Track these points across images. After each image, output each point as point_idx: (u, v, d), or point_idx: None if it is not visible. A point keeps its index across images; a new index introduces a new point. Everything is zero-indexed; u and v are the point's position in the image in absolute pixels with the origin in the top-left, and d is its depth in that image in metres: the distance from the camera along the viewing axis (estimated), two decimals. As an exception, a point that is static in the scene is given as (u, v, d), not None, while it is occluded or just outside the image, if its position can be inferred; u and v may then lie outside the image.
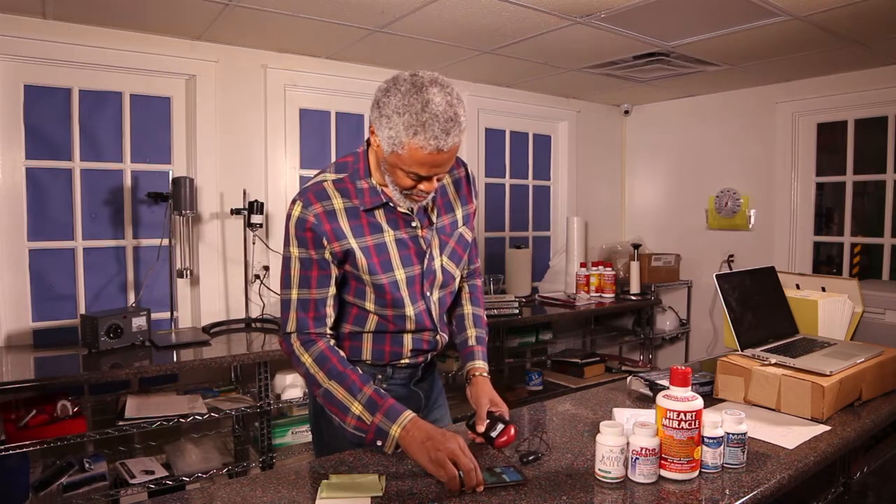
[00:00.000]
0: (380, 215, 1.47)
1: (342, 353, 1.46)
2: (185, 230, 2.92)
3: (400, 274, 1.48)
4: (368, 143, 1.48)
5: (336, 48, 3.08)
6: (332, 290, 1.46)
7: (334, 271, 1.45)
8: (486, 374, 1.60)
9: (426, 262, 1.51)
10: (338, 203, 1.43)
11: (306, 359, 1.42)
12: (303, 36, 2.87)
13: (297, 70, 3.19)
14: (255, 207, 2.94)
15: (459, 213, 1.60)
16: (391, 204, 1.46)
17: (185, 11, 2.50)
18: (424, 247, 1.51)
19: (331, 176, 1.46)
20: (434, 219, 1.54)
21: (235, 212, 2.98)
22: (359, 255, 1.43)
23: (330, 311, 1.47)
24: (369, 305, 1.49)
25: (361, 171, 1.46)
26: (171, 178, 2.89)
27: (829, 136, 3.69)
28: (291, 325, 1.44)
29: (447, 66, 3.39)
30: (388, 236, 1.47)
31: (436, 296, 1.57)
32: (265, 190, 3.14)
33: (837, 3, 2.35)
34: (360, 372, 1.43)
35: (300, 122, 3.31)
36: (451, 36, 2.85)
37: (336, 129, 3.44)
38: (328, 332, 1.47)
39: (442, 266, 1.55)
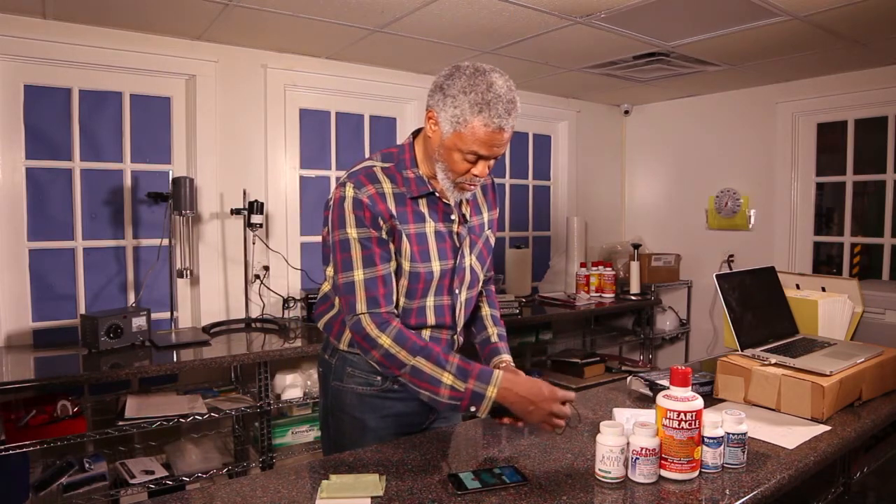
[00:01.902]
0: (423, 205, 1.50)
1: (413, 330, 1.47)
2: (185, 230, 2.92)
3: (436, 265, 1.50)
4: (415, 134, 1.53)
5: (336, 48, 3.08)
6: (395, 264, 1.47)
7: (393, 247, 1.46)
8: (513, 365, 1.64)
9: (458, 258, 1.55)
10: (387, 187, 1.46)
11: (384, 340, 1.39)
12: (303, 36, 2.87)
13: (297, 70, 3.19)
14: (255, 207, 2.94)
15: (486, 217, 1.65)
16: (436, 195, 1.50)
17: (185, 11, 2.50)
18: (458, 243, 1.55)
19: (379, 163, 1.49)
20: (468, 216, 1.58)
21: (235, 212, 2.98)
22: (405, 239, 1.46)
23: (394, 287, 1.47)
24: (400, 298, 1.51)
25: (408, 161, 1.50)
26: (171, 178, 2.89)
27: (829, 136, 3.69)
28: (361, 306, 1.42)
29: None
30: (429, 227, 1.50)
31: (464, 296, 1.60)
32: (265, 190, 3.14)
33: (837, 3, 2.35)
34: (439, 344, 1.46)
35: (300, 122, 3.31)
36: (451, 36, 2.85)
37: (336, 129, 3.44)
38: (395, 310, 1.47)
39: (470, 265, 1.59)
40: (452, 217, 1.53)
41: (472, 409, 1.38)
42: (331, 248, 1.48)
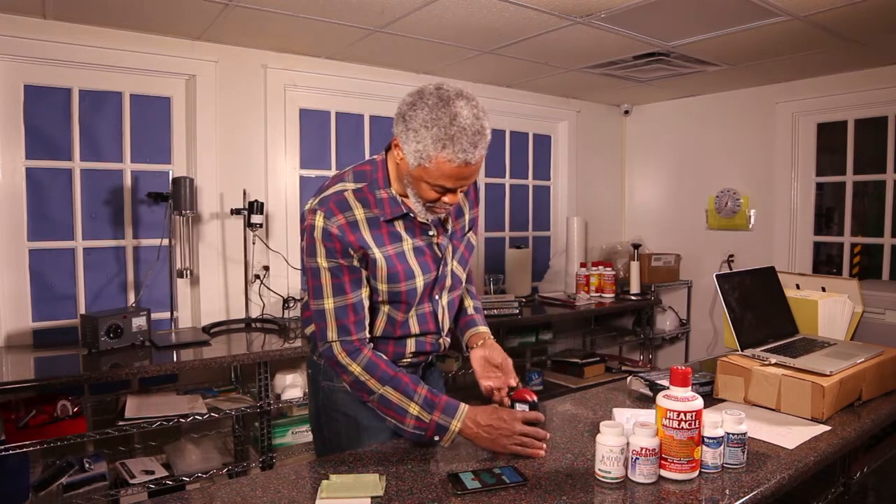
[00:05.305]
0: (399, 225, 1.48)
1: (385, 357, 1.47)
2: (185, 230, 2.92)
3: (420, 281, 1.49)
4: (388, 150, 1.48)
5: (336, 48, 3.08)
6: (366, 290, 1.47)
7: (364, 273, 1.46)
8: (491, 338, 1.65)
9: (441, 267, 1.54)
10: (359, 213, 1.43)
11: (354, 368, 1.42)
12: (303, 36, 2.87)
13: (297, 70, 3.19)
14: (255, 207, 2.94)
15: (466, 218, 1.63)
16: (410, 214, 1.47)
17: (185, 11, 2.50)
18: (440, 253, 1.53)
19: (350, 185, 1.45)
20: (448, 226, 1.56)
21: (235, 212, 2.98)
22: (380, 263, 1.44)
23: (367, 314, 1.47)
24: (384, 307, 1.51)
25: (381, 180, 1.46)
26: (171, 178, 2.89)
27: (829, 136, 3.69)
28: (332, 334, 1.44)
29: (447, 66, 3.39)
30: (407, 245, 1.48)
31: (445, 300, 1.59)
32: (265, 190, 3.14)
33: (837, 3, 2.35)
34: (408, 373, 1.46)
35: (300, 122, 3.31)
36: (451, 36, 2.85)
37: (336, 129, 3.44)
38: (367, 336, 1.48)
39: (452, 271, 1.58)
40: (430, 232, 1.51)
41: (436, 438, 1.41)
42: (303, 272, 1.49)
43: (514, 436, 1.37)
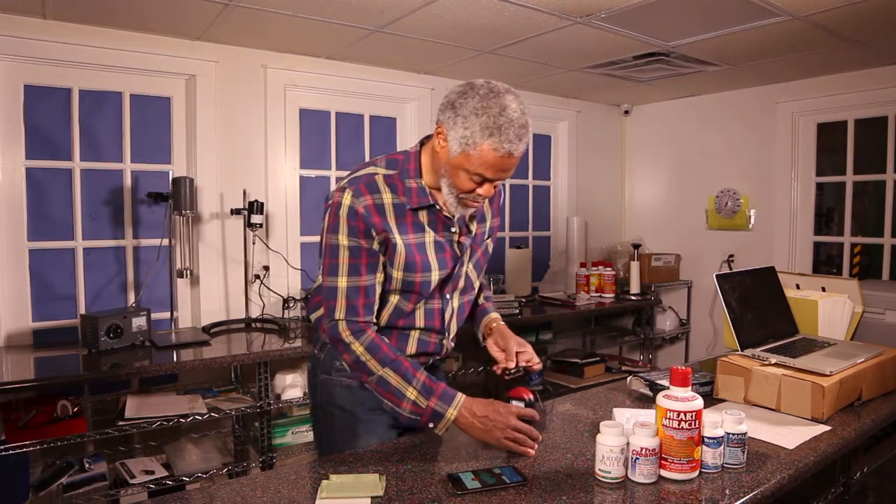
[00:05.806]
0: (423, 216, 1.49)
1: (388, 341, 1.48)
2: (185, 230, 2.92)
3: (435, 275, 1.50)
4: (422, 143, 1.51)
5: (336, 48, 3.08)
6: (381, 276, 1.48)
7: (381, 259, 1.47)
8: (502, 323, 1.68)
9: (458, 266, 1.55)
10: (387, 197, 1.45)
11: (357, 347, 1.43)
12: (303, 36, 2.87)
13: (297, 70, 3.19)
14: (255, 207, 2.94)
15: (488, 225, 1.65)
16: (437, 206, 1.48)
17: (185, 11, 2.50)
18: (459, 252, 1.55)
19: (381, 170, 1.47)
20: (472, 227, 1.57)
21: (235, 212, 2.98)
22: (400, 250, 1.45)
23: (377, 299, 1.48)
24: (393, 298, 1.52)
25: (412, 170, 1.48)
26: (171, 178, 2.89)
27: (829, 136, 3.69)
28: (340, 313, 1.45)
29: (447, 66, 3.39)
30: (428, 237, 1.50)
31: (456, 301, 1.60)
32: (265, 190, 3.14)
33: (837, 3, 2.35)
34: (410, 359, 1.47)
35: (300, 122, 3.31)
36: (451, 36, 2.85)
37: (336, 129, 3.44)
38: (374, 321, 1.48)
39: (466, 273, 1.60)
40: (453, 229, 1.53)
41: (431, 425, 1.42)
42: (320, 250, 1.50)
43: (507, 429, 1.38)
